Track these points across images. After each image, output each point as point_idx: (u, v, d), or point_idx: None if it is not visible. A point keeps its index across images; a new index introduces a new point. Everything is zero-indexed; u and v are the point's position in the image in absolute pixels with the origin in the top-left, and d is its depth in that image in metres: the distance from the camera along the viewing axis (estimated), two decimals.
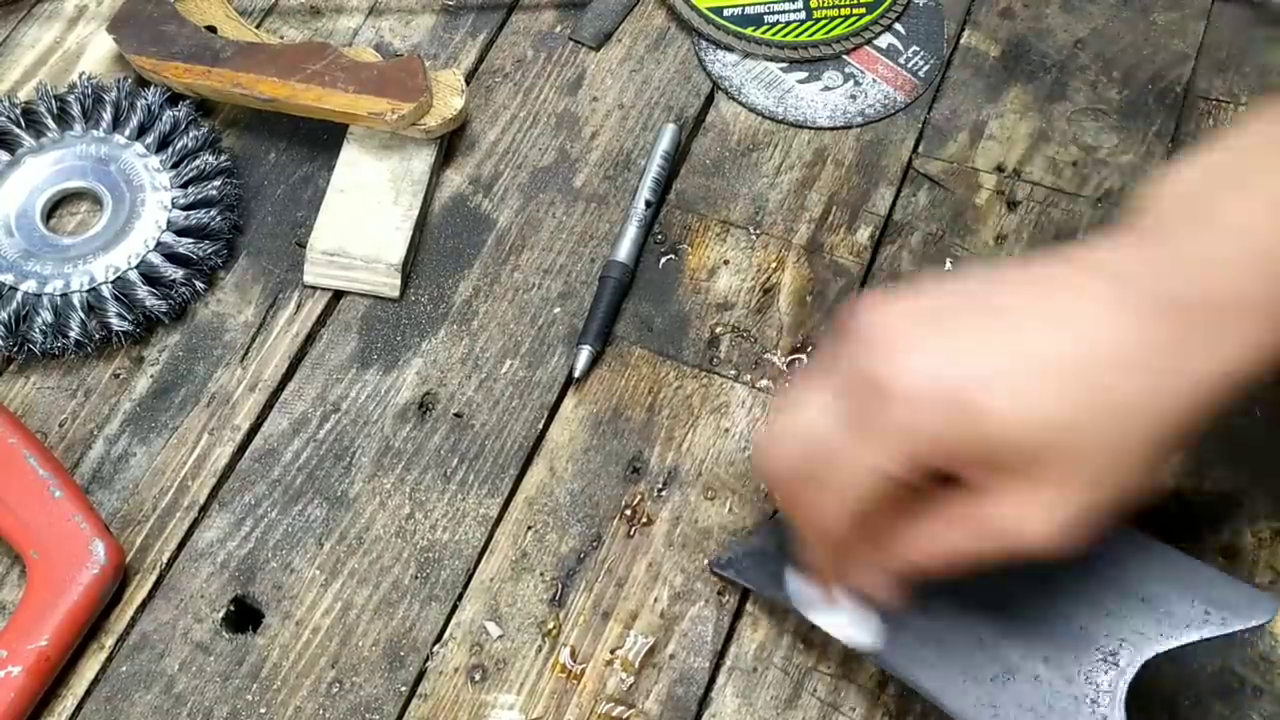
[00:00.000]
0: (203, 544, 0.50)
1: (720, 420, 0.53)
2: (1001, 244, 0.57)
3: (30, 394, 0.54)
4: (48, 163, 0.58)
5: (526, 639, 0.48)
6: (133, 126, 0.58)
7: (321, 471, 0.52)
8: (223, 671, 0.48)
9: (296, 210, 0.59)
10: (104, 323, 0.53)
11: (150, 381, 0.54)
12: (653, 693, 0.47)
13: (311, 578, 0.49)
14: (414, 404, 0.53)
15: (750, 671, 0.48)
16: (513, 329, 0.55)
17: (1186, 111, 0.61)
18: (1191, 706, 0.47)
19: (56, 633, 0.46)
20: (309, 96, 0.57)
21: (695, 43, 0.64)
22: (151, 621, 0.49)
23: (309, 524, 0.51)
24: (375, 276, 0.56)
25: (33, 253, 0.55)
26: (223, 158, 0.58)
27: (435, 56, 0.63)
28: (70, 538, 0.48)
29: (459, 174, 0.60)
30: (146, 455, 0.52)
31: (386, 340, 0.55)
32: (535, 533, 0.50)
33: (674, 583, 0.49)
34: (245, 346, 0.55)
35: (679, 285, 0.57)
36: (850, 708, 0.47)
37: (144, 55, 0.59)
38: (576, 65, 0.63)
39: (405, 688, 0.47)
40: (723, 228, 0.58)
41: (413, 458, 0.52)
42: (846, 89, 0.62)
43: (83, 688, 0.47)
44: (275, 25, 0.64)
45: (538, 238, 0.58)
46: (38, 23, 0.64)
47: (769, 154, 0.60)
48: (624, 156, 0.60)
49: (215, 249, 0.56)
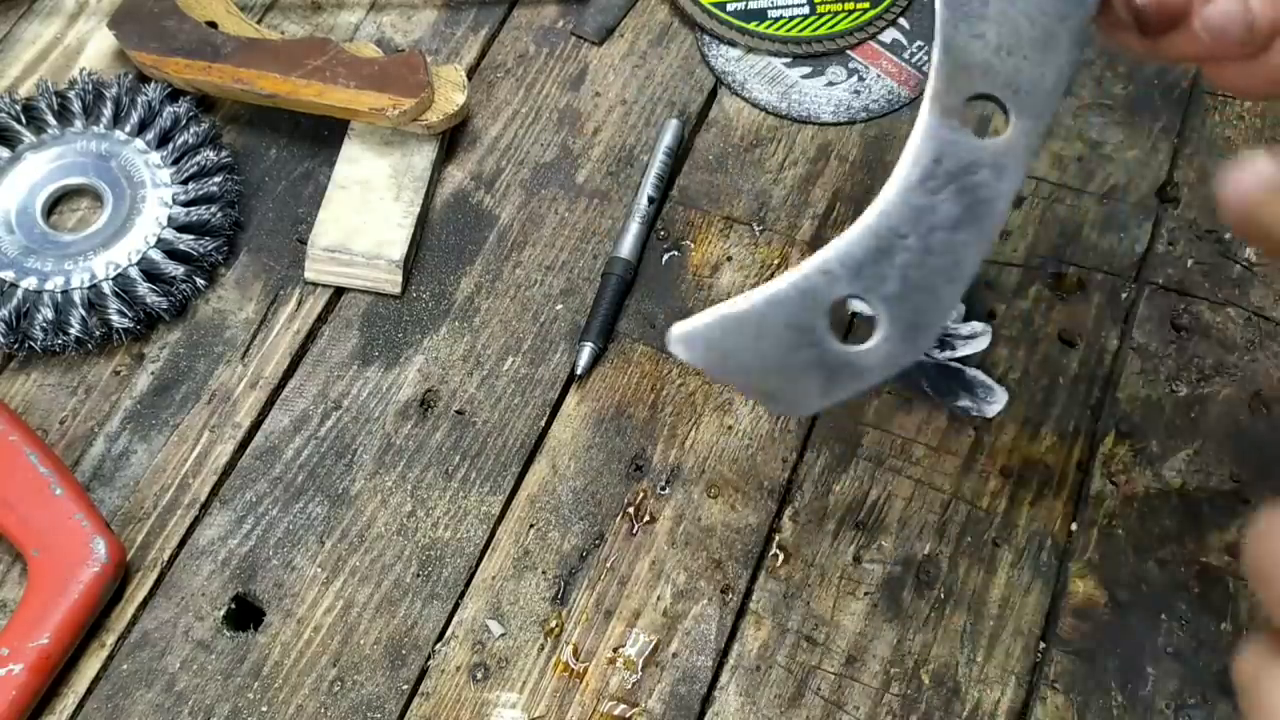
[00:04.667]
0: (204, 542, 0.50)
1: (723, 418, 0.52)
2: (1006, 239, 0.57)
3: (31, 391, 0.53)
4: (48, 159, 0.57)
5: (529, 637, 0.48)
6: (133, 123, 0.58)
7: (323, 469, 0.52)
8: (224, 670, 0.47)
9: (297, 206, 0.58)
10: (104, 320, 0.53)
11: (151, 379, 0.54)
12: (655, 691, 0.47)
13: (313, 576, 0.49)
14: (415, 401, 0.53)
15: (753, 670, 0.47)
16: (515, 326, 0.55)
17: (1192, 107, 0.60)
18: (1196, 706, 0.46)
19: (58, 631, 0.46)
20: (310, 92, 0.56)
21: (698, 38, 0.63)
22: (153, 620, 0.48)
23: (310, 522, 0.50)
24: (376, 273, 0.55)
25: (33, 249, 0.55)
26: (223, 154, 0.58)
27: (437, 52, 0.63)
28: (71, 536, 0.47)
29: (461, 170, 0.60)
30: (147, 453, 0.52)
31: (388, 337, 0.55)
32: (537, 531, 0.50)
33: (677, 581, 0.49)
34: (246, 343, 0.55)
35: (682, 282, 0.56)
36: (854, 706, 0.46)
37: (145, 51, 0.58)
38: (579, 60, 0.63)
39: (407, 686, 0.47)
40: (726, 224, 0.58)
41: (414, 455, 0.52)
42: (850, 84, 0.62)
43: (84, 686, 0.47)
44: (276, 21, 0.64)
45: (540, 234, 0.58)
46: (38, 19, 0.64)
47: (772, 150, 0.60)
48: (626, 152, 0.60)
49: (216, 245, 0.56)
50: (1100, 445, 0.52)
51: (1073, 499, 0.51)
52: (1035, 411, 0.53)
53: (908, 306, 0.32)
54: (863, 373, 0.32)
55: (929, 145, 0.33)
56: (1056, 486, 0.51)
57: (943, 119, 0.33)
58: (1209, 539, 0.50)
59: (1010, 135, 0.33)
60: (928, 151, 0.33)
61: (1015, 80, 0.34)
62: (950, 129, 0.33)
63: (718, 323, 0.31)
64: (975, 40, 0.34)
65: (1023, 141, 0.33)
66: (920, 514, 0.51)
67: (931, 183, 0.33)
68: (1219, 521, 0.50)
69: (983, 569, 0.50)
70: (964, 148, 0.33)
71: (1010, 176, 0.33)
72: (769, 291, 0.32)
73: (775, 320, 0.31)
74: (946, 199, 0.33)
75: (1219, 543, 0.50)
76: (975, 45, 0.34)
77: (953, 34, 0.34)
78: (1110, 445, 0.52)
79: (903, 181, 0.33)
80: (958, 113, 0.33)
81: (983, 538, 0.50)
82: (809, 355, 0.31)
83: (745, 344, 0.31)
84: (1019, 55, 0.34)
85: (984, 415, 0.52)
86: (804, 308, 0.31)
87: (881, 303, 0.32)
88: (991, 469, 0.52)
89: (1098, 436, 0.52)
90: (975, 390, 0.53)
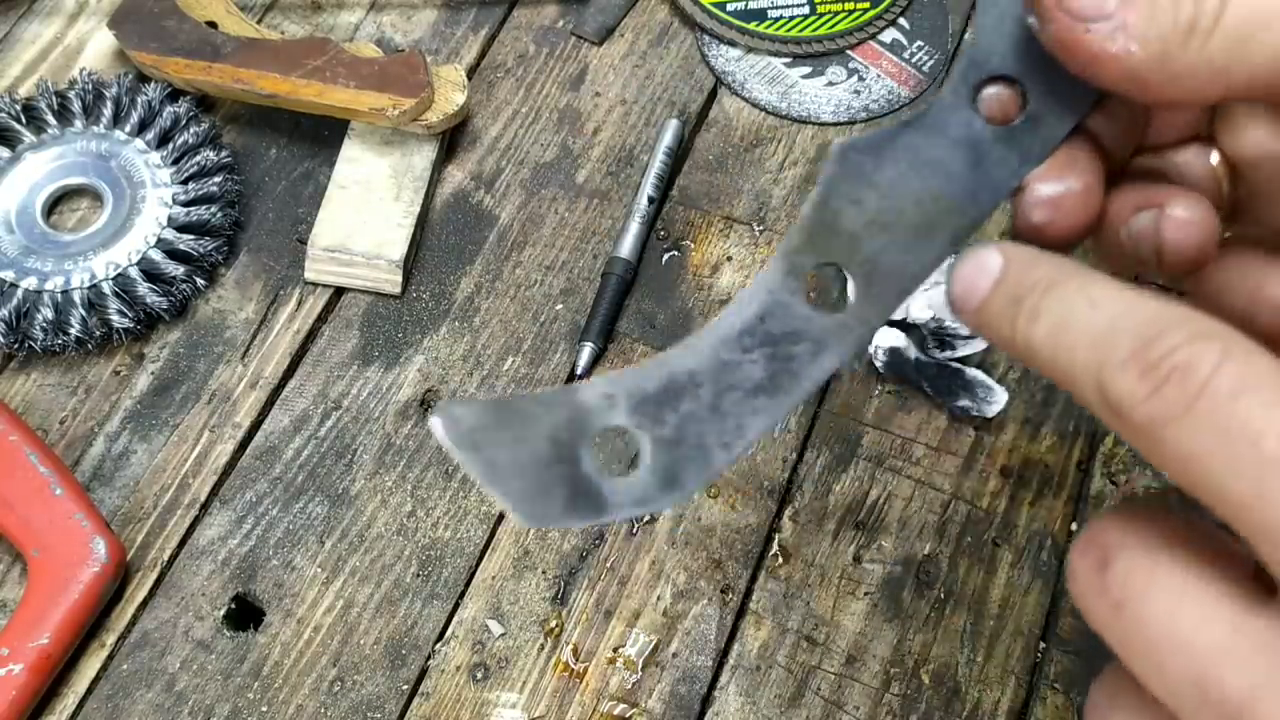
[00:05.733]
0: (204, 542, 0.50)
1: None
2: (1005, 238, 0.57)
3: (31, 391, 0.53)
4: (48, 159, 0.57)
5: (529, 637, 0.48)
6: (133, 122, 0.58)
7: (323, 469, 0.52)
8: (224, 670, 0.47)
9: (297, 206, 0.58)
10: (104, 320, 0.53)
11: (151, 379, 0.54)
12: (655, 691, 0.47)
13: (313, 576, 0.49)
14: (415, 401, 0.53)
15: (754, 670, 0.47)
16: (515, 326, 0.55)
17: None
18: None
19: (58, 631, 0.46)
20: (310, 92, 0.56)
21: (698, 38, 0.63)
22: (152, 619, 0.48)
23: (310, 522, 0.50)
24: (376, 273, 0.55)
25: (33, 249, 0.55)
26: (223, 154, 0.58)
27: (437, 52, 0.63)
28: (71, 535, 0.47)
29: (460, 170, 0.60)
30: (147, 453, 0.52)
31: (388, 337, 0.55)
32: (537, 530, 0.50)
33: (677, 581, 0.49)
34: (246, 343, 0.55)
35: (682, 282, 0.56)
36: (854, 706, 0.46)
37: (145, 51, 0.58)
38: (579, 60, 0.63)
39: (407, 686, 0.47)
40: (726, 224, 0.58)
41: (414, 455, 0.52)
42: (850, 84, 0.62)
43: (84, 686, 0.47)
44: (276, 21, 0.64)
45: (540, 234, 0.58)
46: (38, 18, 0.64)
47: (772, 150, 0.60)
48: (626, 152, 0.60)
49: (216, 245, 0.56)
50: (1100, 445, 0.52)
51: (1073, 499, 0.51)
52: (1035, 411, 0.53)
53: (675, 457, 0.29)
54: (609, 508, 0.29)
55: (759, 300, 0.30)
56: (1056, 486, 0.51)
57: (784, 277, 0.30)
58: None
59: (845, 316, 0.30)
60: (755, 305, 0.30)
61: (875, 260, 0.31)
62: (787, 290, 0.30)
63: (486, 409, 0.29)
64: (851, 205, 0.31)
65: (856, 327, 0.30)
66: (920, 514, 0.51)
67: (747, 339, 0.30)
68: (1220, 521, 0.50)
69: (983, 569, 0.50)
70: (793, 314, 0.30)
71: (829, 358, 0.30)
72: (547, 395, 0.30)
73: (541, 427, 0.29)
74: (756, 361, 0.30)
75: None
76: (849, 211, 0.31)
77: (830, 192, 0.31)
78: (1110, 445, 0.52)
79: (719, 329, 0.30)
80: (802, 275, 0.30)
81: (983, 538, 0.50)
82: (561, 472, 0.29)
83: (503, 441, 0.29)
84: (889, 235, 0.31)
85: (984, 415, 0.52)
86: (573, 425, 0.29)
87: (652, 443, 0.29)
88: (991, 469, 0.52)
89: (1098, 436, 0.52)
90: (975, 390, 0.53)
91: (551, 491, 0.29)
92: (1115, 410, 0.24)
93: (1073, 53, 0.27)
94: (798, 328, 0.30)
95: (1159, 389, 0.23)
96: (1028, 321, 0.27)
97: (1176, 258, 0.29)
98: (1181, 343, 0.23)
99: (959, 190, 0.31)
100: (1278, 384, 0.22)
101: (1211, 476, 0.22)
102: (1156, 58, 0.26)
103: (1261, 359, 0.23)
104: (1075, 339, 0.25)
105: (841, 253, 0.31)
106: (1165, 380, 0.23)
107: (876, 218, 0.31)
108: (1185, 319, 0.24)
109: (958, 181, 0.31)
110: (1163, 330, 0.24)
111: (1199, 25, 0.25)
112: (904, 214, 0.31)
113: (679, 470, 0.29)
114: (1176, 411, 0.23)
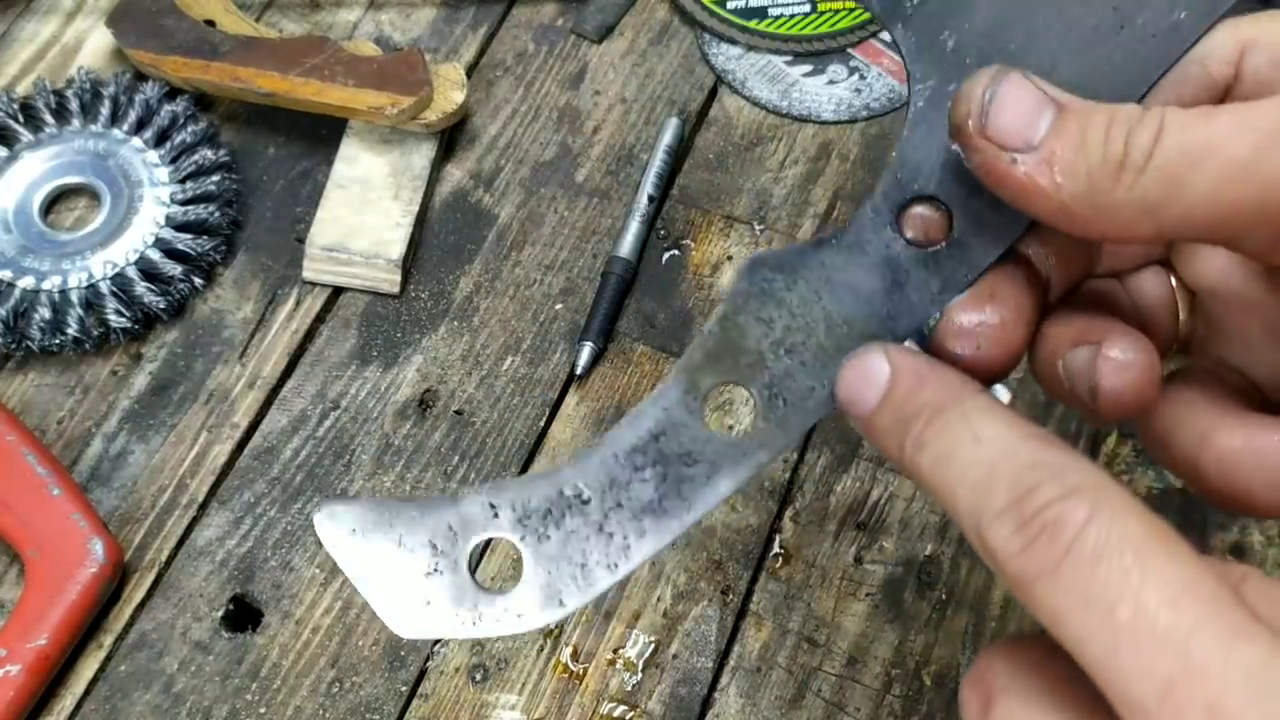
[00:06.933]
0: (202, 542, 0.50)
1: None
2: None
3: (28, 391, 0.53)
4: (45, 158, 0.57)
5: (528, 639, 0.48)
6: (131, 121, 0.57)
7: (321, 469, 0.51)
8: (222, 671, 0.47)
9: (296, 206, 0.58)
10: (102, 319, 0.53)
11: (149, 378, 0.54)
12: (656, 693, 0.47)
13: (311, 576, 0.49)
14: (414, 401, 0.53)
15: (754, 671, 0.47)
16: (514, 325, 0.55)
17: None
18: None
19: (55, 631, 0.46)
20: (308, 91, 0.56)
21: (698, 36, 0.63)
22: (150, 620, 0.48)
23: (309, 522, 0.50)
24: (375, 272, 0.55)
25: (30, 249, 0.55)
26: (221, 153, 0.58)
27: (436, 50, 0.63)
28: (68, 536, 0.47)
29: (460, 169, 0.59)
30: (145, 453, 0.52)
31: (386, 337, 0.55)
32: None
33: (677, 582, 0.49)
34: (244, 343, 0.54)
35: (682, 281, 0.56)
36: (855, 708, 0.46)
37: (142, 49, 0.58)
38: (578, 59, 0.63)
39: (406, 687, 0.47)
40: (726, 223, 0.58)
41: (413, 455, 0.52)
42: (851, 82, 0.61)
43: (82, 687, 0.47)
44: (274, 19, 0.64)
45: (539, 233, 0.57)
46: (36, 17, 0.64)
47: (773, 148, 0.60)
48: (626, 151, 0.60)
49: (214, 245, 0.56)
50: (1102, 445, 0.52)
51: None
52: (1037, 412, 0.53)
53: (557, 574, 0.28)
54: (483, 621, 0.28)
55: (654, 416, 0.29)
56: None
57: (683, 394, 0.29)
58: (1211, 539, 0.50)
59: (743, 439, 0.29)
60: (651, 422, 0.29)
61: (781, 384, 0.29)
62: (685, 408, 0.29)
63: (367, 510, 0.28)
64: (759, 324, 0.29)
65: (754, 452, 0.29)
66: (922, 515, 0.50)
67: (639, 457, 0.29)
68: (1220, 521, 0.50)
69: (984, 570, 0.49)
70: (689, 433, 0.29)
71: (724, 483, 0.29)
72: (429, 501, 0.29)
73: (421, 533, 0.28)
74: (647, 480, 0.29)
75: (1220, 544, 0.49)
76: (756, 330, 0.29)
77: (737, 308, 0.29)
78: (1112, 445, 0.52)
79: (611, 444, 0.29)
80: (702, 394, 0.29)
81: None
82: (439, 582, 0.28)
83: (383, 544, 0.28)
84: (797, 358, 0.29)
85: None
86: (452, 533, 0.28)
87: (534, 558, 0.28)
88: None
89: (1100, 436, 0.52)
90: None
91: (427, 601, 0.28)
92: (991, 558, 0.24)
93: (1000, 182, 0.26)
94: (693, 448, 0.29)
95: (1030, 545, 0.23)
96: (914, 449, 0.26)
97: (1112, 402, 0.28)
98: (1055, 498, 0.23)
99: (874, 315, 0.29)
100: (1141, 547, 0.22)
101: (1074, 636, 0.22)
102: (1085, 193, 0.25)
103: (1130, 520, 0.22)
104: (957, 478, 0.25)
105: (745, 373, 0.29)
106: (1036, 537, 0.23)
107: (784, 339, 0.29)
108: (1063, 469, 0.24)
109: (873, 305, 0.29)
110: (1039, 482, 0.23)
111: (1130, 162, 0.24)
112: (813, 336, 0.29)
113: (560, 588, 0.28)
114: (1046, 568, 0.23)
